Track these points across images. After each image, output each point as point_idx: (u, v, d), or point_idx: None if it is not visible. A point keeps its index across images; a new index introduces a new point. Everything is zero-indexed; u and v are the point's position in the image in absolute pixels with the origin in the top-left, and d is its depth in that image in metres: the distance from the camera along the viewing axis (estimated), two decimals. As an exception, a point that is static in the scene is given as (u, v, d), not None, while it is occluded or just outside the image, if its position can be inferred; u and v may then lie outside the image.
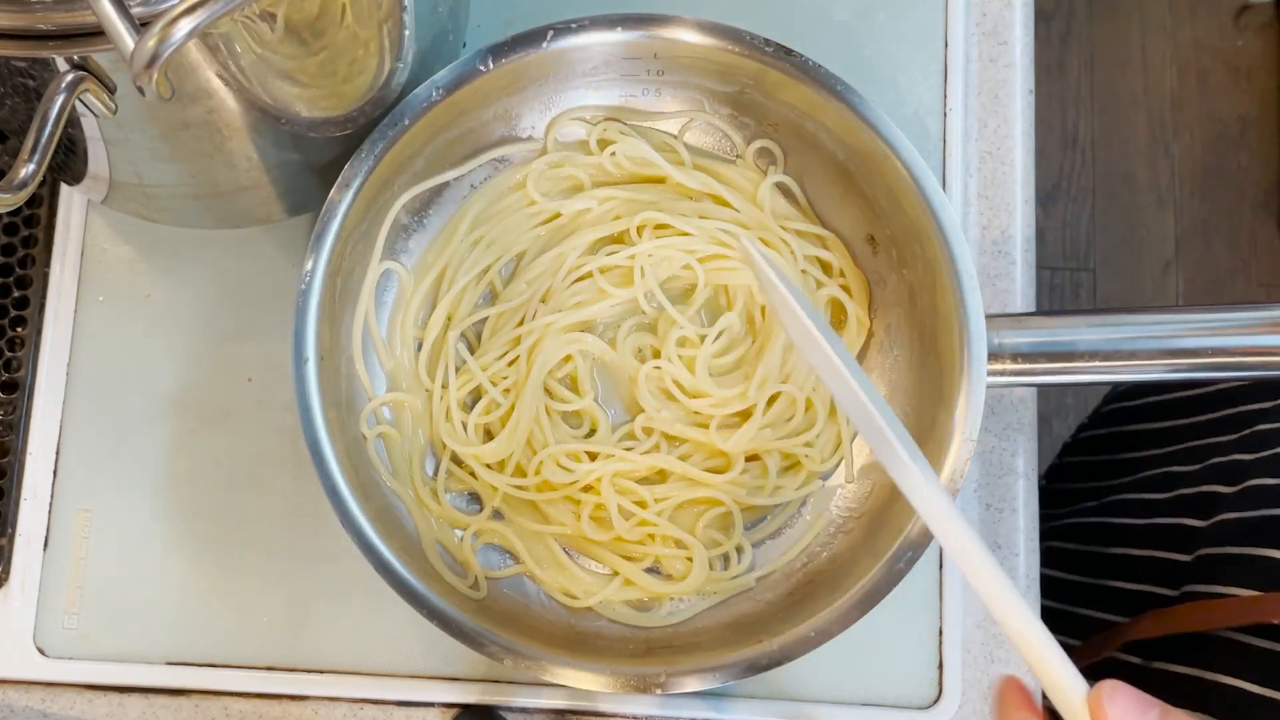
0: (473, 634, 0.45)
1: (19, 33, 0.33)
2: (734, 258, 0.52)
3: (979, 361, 0.47)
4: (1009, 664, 0.54)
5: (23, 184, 0.35)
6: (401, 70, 0.46)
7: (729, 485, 0.51)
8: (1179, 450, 0.61)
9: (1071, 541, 0.67)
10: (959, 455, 0.46)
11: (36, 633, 0.53)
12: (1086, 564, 0.64)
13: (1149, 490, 0.61)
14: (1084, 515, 0.67)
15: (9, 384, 0.55)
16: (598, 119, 0.54)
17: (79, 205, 0.57)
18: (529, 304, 0.53)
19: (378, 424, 0.51)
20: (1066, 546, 0.67)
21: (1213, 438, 0.58)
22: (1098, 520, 0.65)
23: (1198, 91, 1.42)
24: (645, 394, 0.52)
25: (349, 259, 0.49)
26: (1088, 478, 0.70)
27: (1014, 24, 0.59)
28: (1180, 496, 0.58)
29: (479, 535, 0.51)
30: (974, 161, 0.58)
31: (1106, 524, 0.64)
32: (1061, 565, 0.67)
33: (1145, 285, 1.38)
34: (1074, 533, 0.67)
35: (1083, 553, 0.65)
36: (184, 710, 0.53)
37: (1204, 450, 0.58)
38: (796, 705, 0.53)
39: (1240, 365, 0.46)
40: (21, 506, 0.54)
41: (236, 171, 0.45)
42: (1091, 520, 0.65)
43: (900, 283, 0.52)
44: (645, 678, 0.45)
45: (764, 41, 0.49)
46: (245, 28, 0.36)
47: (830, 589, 0.48)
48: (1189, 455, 0.59)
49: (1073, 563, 0.66)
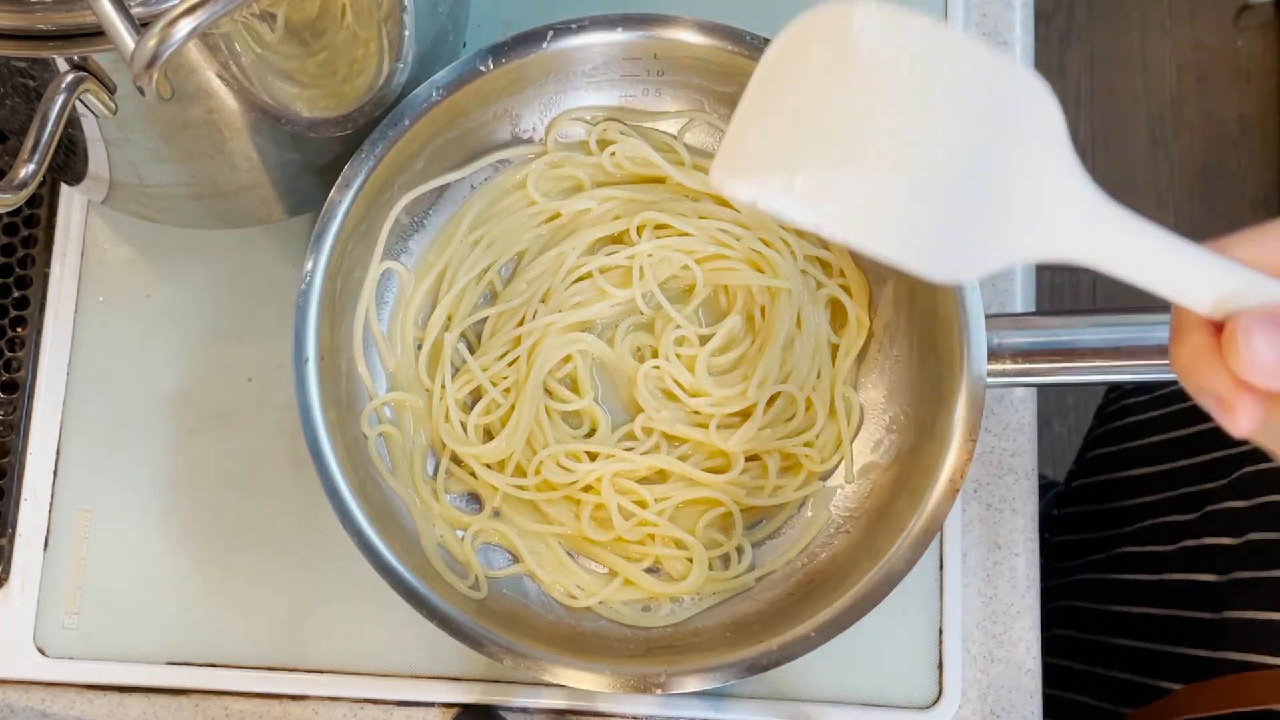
0: (473, 634, 0.45)
1: (19, 33, 0.33)
2: (733, 258, 0.52)
3: (979, 361, 0.47)
4: (1009, 664, 0.54)
5: (23, 184, 0.35)
6: (401, 70, 0.46)
7: (729, 485, 0.51)
8: (1172, 498, 0.60)
9: (1084, 600, 0.65)
10: (959, 455, 0.46)
11: (36, 633, 0.53)
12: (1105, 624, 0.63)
13: (1152, 542, 0.60)
14: (1094, 570, 0.65)
15: (9, 384, 0.55)
16: (598, 119, 0.54)
17: (79, 205, 0.57)
18: (529, 304, 0.53)
19: (379, 423, 0.51)
20: (1079, 605, 0.66)
21: (1202, 484, 0.58)
22: (1108, 577, 0.64)
23: (1198, 91, 1.42)
24: (644, 394, 0.52)
25: (349, 259, 0.49)
26: (1088, 529, 0.69)
27: (1014, 24, 0.59)
28: (1185, 549, 0.57)
29: (479, 535, 0.51)
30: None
31: (1118, 580, 0.63)
32: (1078, 625, 0.66)
33: (1145, 285, 1.38)
34: (1086, 590, 0.66)
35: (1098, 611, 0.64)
36: (184, 710, 0.53)
37: (1197, 498, 0.57)
38: (796, 705, 0.53)
39: (1240, 366, 0.46)
40: (21, 506, 0.54)
41: (236, 171, 0.45)
42: (1102, 577, 0.64)
43: (900, 283, 0.52)
44: (645, 678, 0.45)
45: (764, 41, 0.49)
46: (245, 28, 0.36)
47: (830, 589, 0.48)
48: (1183, 504, 0.58)
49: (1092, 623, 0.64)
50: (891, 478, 0.51)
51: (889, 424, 0.52)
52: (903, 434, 0.51)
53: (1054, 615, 0.68)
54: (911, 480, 0.49)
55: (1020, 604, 0.54)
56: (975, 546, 0.55)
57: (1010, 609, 0.54)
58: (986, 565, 0.55)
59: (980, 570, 0.55)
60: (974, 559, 0.55)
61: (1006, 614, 0.54)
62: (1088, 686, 0.63)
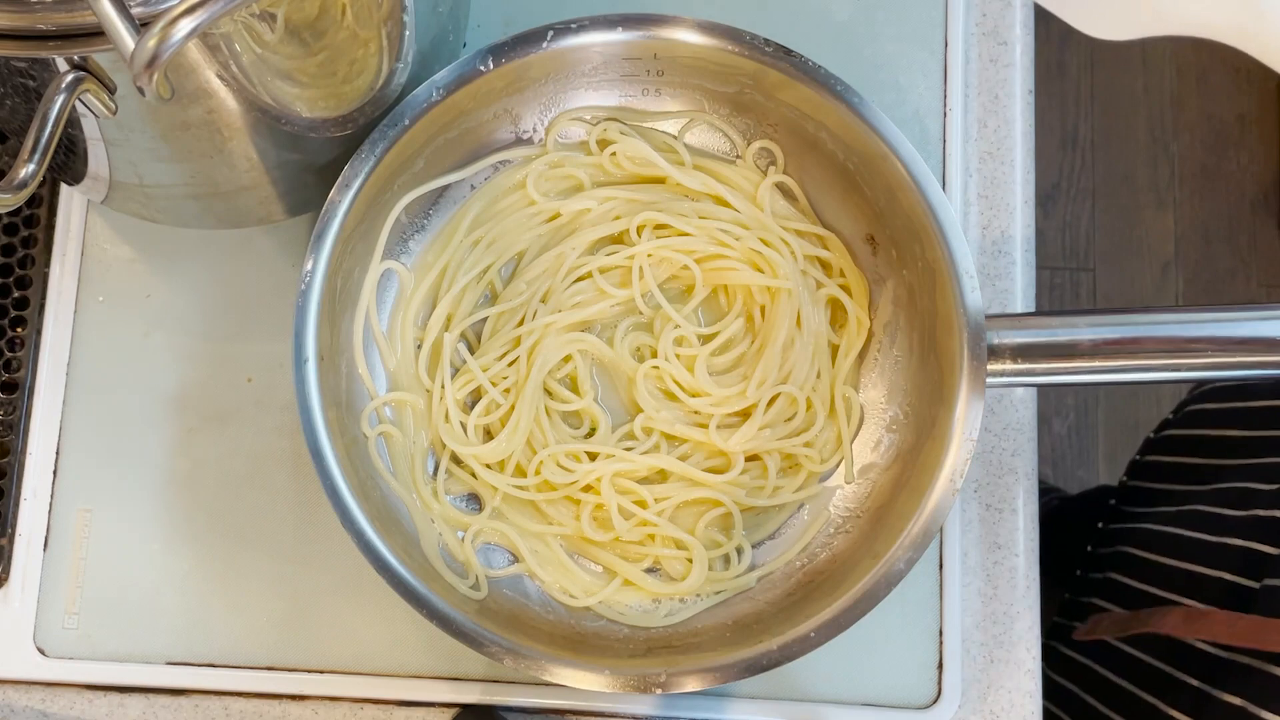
0: (473, 634, 0.45)
1: (19, 33, 0.33)
2: (733, 258, 0.52)
3: (979, 361, 0.47)
4: (1009, 664, 0.54)
5: (23, 184, 0.35)
6: (401, 70, 0.46)
7: (729, 485, 0.51)
8: (1257, 465, 0.59)
9: (1143, 549, 0.65)
10: (959, 455, 0.46)
11: (36, 633, 0.53)
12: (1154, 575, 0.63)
13: (1224, 505, 0.60)
14: (1160, 522, 0.65)
15: (9, 384, 0.55)
16: (598, 119, 0.54)
17: (79, 205, 0.57)
18: (529, 304, 0.53)
19: (380, 423, 0.51)
20: (1137, 554, 0.65)
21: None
22: (1171, 530, 0.63)
23: (1198, 91, 1.42)
24: (644, 394, 0.52)
25: (349, 259, 0.49)
26: (1167, 479, 0.68)
27: (1014, 24, 0.59)
28: (1255, 517, 0.57)
29: (479, 535, 0.51)
30: (974, 162, 0.58)
31: (1179, 535, 0.62)
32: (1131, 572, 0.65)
33: (1145, 285, 1.38)
34: (1148, 539, 0.66)
35: (1152, 563, 0.64)
36: (184, 710, 0.53)
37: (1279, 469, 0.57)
38: (796, 705, 0.53)
39: (1240, 365, 0.46)
40: (21, 506, 0.54)
41: (236, 171, 0.45)
42: (1166, 529, 0.64)
43: (900, 283, 0.52)
44: (645, 678, 0.45)
45: (764, 41, 0.49)
46: (245, 28, 0.36)
47: (830, 589, 0.48)
48: (1266, 472, 0.58)
49: (1142, 572, 0.64)
50: (891, 478, 0.51)
51: (889, 424, 0.52)
52: (903, 434, 0.51)
53: (1112, 559, 0.68)
54: (911, 480, 0.49)
55: (1020, 604, 0.54)
56: (975, 546, 0.55)
57: (1010, 609, 0.54)
58: (986, 565, 0.55)
59: (980, 570, 0.55)
60: (974, 559, 0.55)
61: (1006, 614, 0.54)
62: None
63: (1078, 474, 1.32)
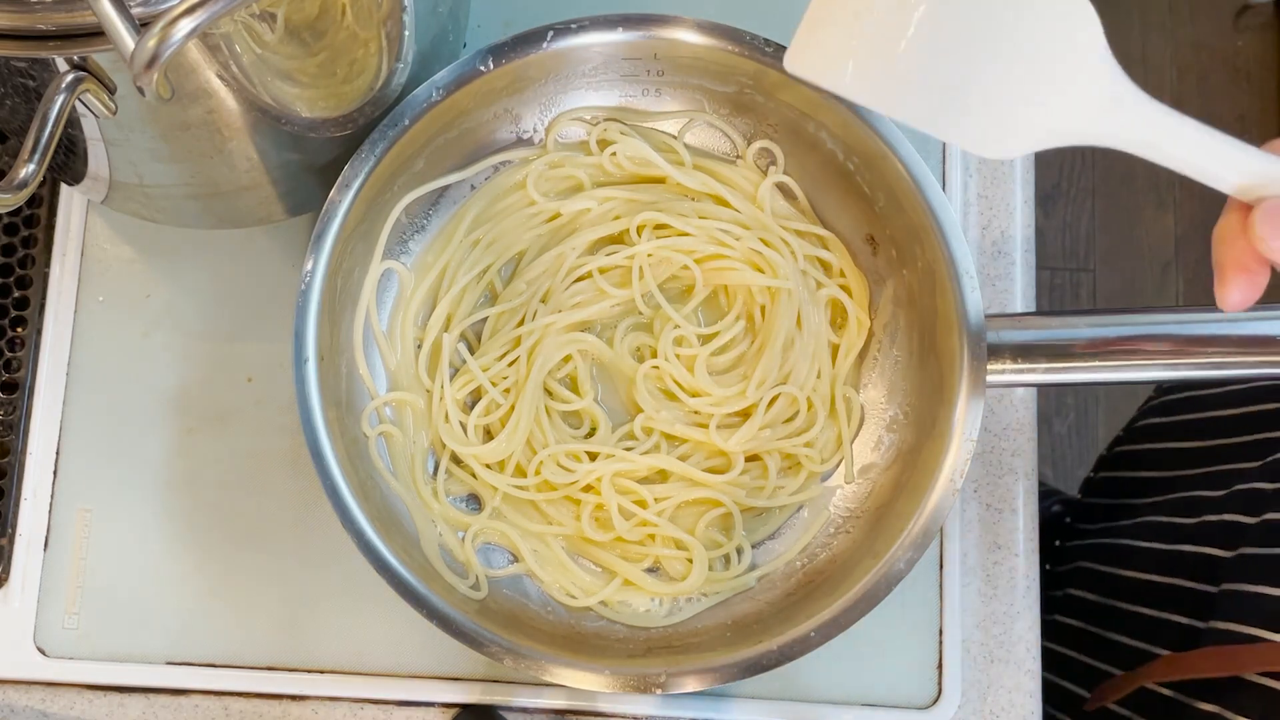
0: (473, 634, 0.45)
1: (19, 33, 0.33)
2: (733, 258, 0.52)
3: (979, 361, 0.47)
4: (1009, 664, 0.54)
5: (23, 184, 0.35)
6: (401, 70, 0.46)
7: (729, 485, 0.51)
8: (1205, 474, 0.60)
9: (1101, 563, 0.66)
10: (959, 455, 0.46)
11: (36, 633, 0.53)
12: (1115, 587, 0.64)
13: (1176, 514, 0.61)
14: (1116, 536, 0.66)
15: (9, 384, 0.55)
16: (598, 119, 0.54)
17: (79, 205, 0.57)
18: (529, 304, 0.53)
19: (380, 423, 0.51)
20: (1095, 568, 0.67)
21: (1237, 463, 0.58)
22: (1127, 543, 0.64)
23: (1198, 91, 1.42)
24: (644, 393, 0.52)
25: (349, 259, 0.49)
26: (1122, 494, 0.69)
27: (1014, 24, 0.59)
28: (1205, 523, 0.57)
29: (479, 535, 0.51)
30: (974, 161, 0.58)
31: (1134, 547, 0.63)
32: (1090, 587, 0.66)
33: (1145, 285, 1.38)
34: (1104, 553, 0.67)
35: (1110, 575, 0.65)
36: (184, 710, 0.53)
37: (1228, 476, 0.58)
38: (796, 705, 0.53)
39: (1240, 365, 0.46)
40: (21, 506, 0.54)
41: (236, 171, 0.45)
42: (1122, 542, 0.65)
43: (900, 283, 0.52)
44: (645, 678, 0.45)
45: (764, 41, 0.49)
46: (245, 28, 0.36)
47: (830, 589, 0.48)
48: (1215, 480, 0.59)
49: (1101, 584, 0.65)
50: (891, 478, 0.51)
51: (889, 424, 0.52)
52: (903, 434, 0.51)
53: (1071, 576, 0.68)
54: (911, 480, 0.49)
55: (1020, 604, 0.54)
56: (975, 546, 0.55)
57: (1010, 609, 0.54)
58: (986, 565, 0.55)
59: (980, 570, 0.55)
60: (974, 559, 0.55)
61: (1006, 614, 0.54)
62: (1090, 647, 0.64)
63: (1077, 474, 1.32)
